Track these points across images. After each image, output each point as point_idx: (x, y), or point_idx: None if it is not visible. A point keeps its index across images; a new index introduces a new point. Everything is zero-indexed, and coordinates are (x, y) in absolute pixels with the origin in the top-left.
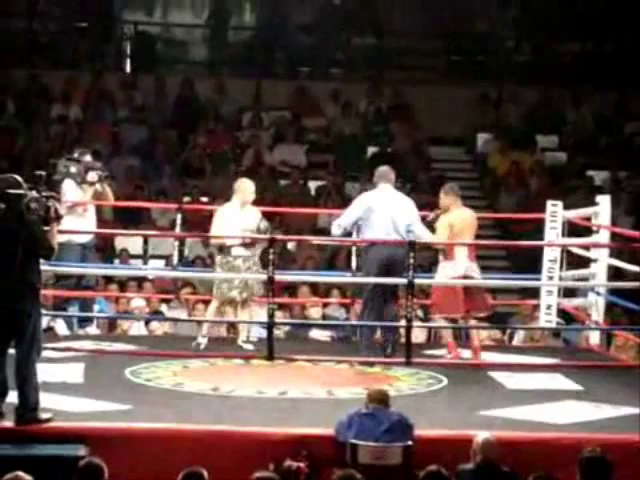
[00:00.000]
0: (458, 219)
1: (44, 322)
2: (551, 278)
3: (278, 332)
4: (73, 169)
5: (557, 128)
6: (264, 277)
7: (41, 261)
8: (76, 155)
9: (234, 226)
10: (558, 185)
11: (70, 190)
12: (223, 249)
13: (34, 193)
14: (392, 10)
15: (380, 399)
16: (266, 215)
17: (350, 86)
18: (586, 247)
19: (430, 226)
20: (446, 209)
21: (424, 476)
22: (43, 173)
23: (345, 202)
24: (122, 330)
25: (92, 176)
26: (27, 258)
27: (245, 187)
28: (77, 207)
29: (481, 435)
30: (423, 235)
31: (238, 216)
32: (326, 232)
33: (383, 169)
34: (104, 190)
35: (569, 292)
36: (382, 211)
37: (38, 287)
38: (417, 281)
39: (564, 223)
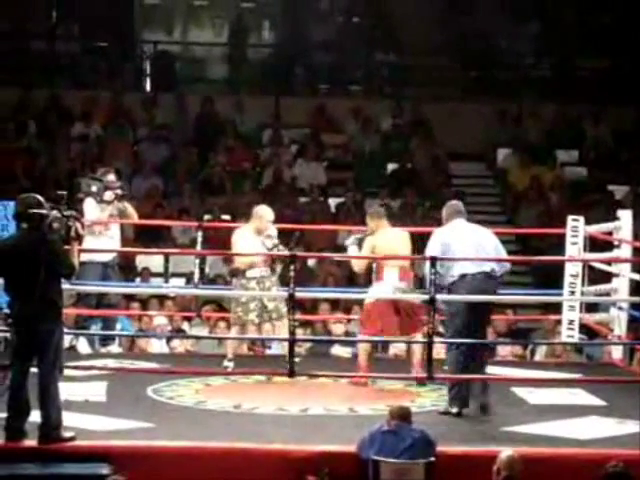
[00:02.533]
0: (382, 241)
1: (66, 341)
2: (573, 293)
3: (299, 349)
4: (94, 188)
5: (577, 143)
6: (283, 296)
7: (62, 280)
8: (98, 174)
9: (254, 249)
10: (579, 200)
11: (90, 209)
12: (237, 272)
13: (56, 213)
14: (411, 27)
15: (402, 415)
16: (286, 231)
17: (369, 103)
18: (608, 262)
19: (359, 245)
20: (372, 232)
21: None
22: (64, 193)
23: (364, 219)
24: (140, 349)
25: (109, 195)
26: (49, 277)
27: (262, 215)
28: (94, 226)
29: (505, 452)
30: (508, 263)
31: (255, 240)
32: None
33: (454, 205)
34: (126, 208)
35: (591, 307)
36: (464, 245)
37: (60, 306)
38: (438, 297)
39: (585, 238)
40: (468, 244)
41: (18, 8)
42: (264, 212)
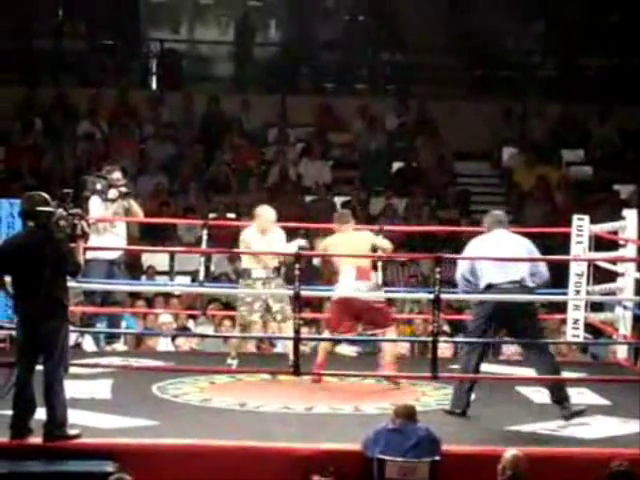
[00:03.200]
0: (332, 244)
1: (72, 338)
2: (578, 292)
3: (304, 347)
4: (99, 186)
5: (582, 142)
6: (287, 297)
7: (68, 278)
8: (104, 172)
9: (259, 249)
10: (584, 199)
11: (95, 207)
12: (243, 273)
13: (61, 211)
14: (416, 26)
15: (407, 414)
16: (291, 230)
17: (375, 102)
18: (613, 261)
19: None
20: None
21: None
22: (70, 191)
23: (370, 218)
24: (147, 346)
25: (113, 193)
26: (54, 275)
27: (263, 215)
28: (100, 224)
29: (510, 451)
30: (546, 273)
31: (261, 241)
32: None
33: (496, 214)
34: (131, 206)
35: (596, 306)
36: (497, 253)
37: (66, 304)
38: (443, 296)
39: (590, 237)
40: (498, 254)
41: (24, 6)
42: (263, 212)
